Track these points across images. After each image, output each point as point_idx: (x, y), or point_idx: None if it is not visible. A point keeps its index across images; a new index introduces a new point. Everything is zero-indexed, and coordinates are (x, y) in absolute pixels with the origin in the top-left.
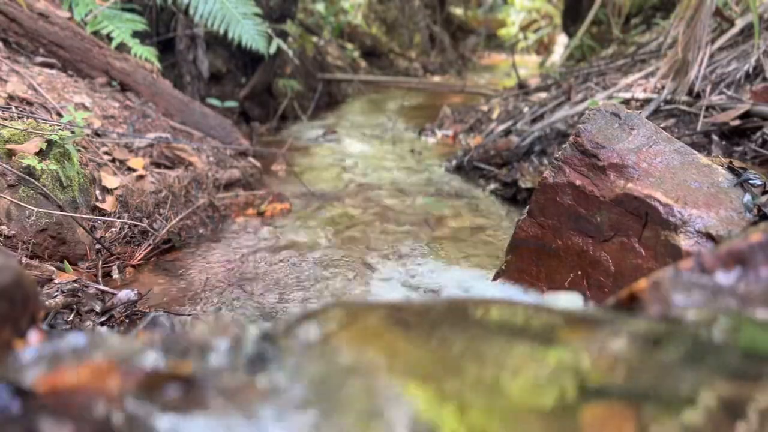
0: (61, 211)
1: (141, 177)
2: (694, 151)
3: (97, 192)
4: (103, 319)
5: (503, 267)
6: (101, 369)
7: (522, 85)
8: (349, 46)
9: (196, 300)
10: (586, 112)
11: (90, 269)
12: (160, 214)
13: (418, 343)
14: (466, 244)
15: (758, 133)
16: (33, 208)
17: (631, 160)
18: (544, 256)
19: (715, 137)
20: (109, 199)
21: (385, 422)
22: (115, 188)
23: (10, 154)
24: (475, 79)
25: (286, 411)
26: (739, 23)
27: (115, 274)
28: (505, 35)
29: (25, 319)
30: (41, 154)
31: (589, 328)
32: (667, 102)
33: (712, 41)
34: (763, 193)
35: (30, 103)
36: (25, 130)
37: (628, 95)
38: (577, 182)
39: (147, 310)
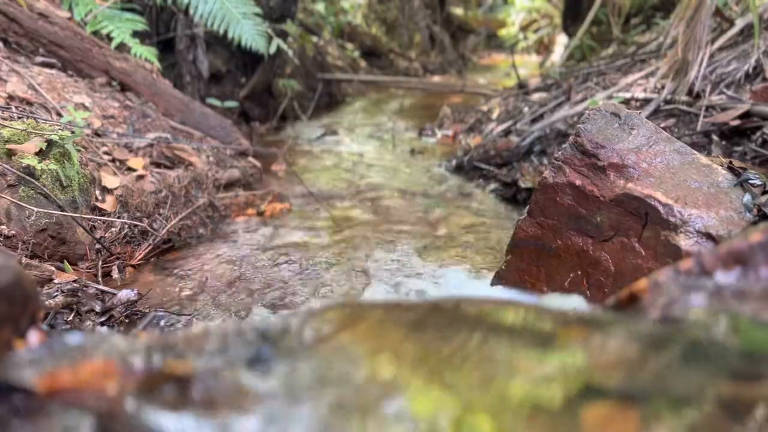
0: (61, 211)
1: (141, 177)
2: (694, 151)
3: (97, 192)
4: (103, 319)
5: (503, 267)
6: (101, 369)
7: (522, 85)
8: (349, 46)
9: (196, 300)
10: (586, 112)
11: (90, 269)
12: (160, 214)
13: (419, 343)
14: (465, 244)
15: (758, 133)
16: (33, 208)
17: (631, 160)
18: (544, 256)
19: (715, 137)
20: (109, 199)
21: (385, 422)
22: (115, 188)
23: (10, 154)
24: (475, 79)
25: (285, 411)
26: (739, 23)
27: (115, 274)
28: (505, 35)
29: (24, 319)
30: (41, 154)
31: (590, 329)
32: (667, 102)
33: (712, 41)
34: (763, 193)
35: (30, 103)
36: (25, 130)
37: (628, 95)
38: (577, 182)
39: (147, 310)
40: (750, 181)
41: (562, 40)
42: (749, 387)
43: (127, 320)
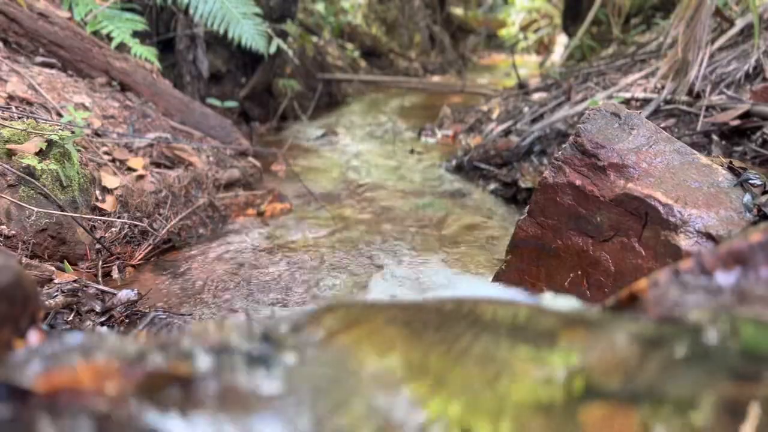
0: (61, 211)
1: (141, 177)
2: (694, 151)
3: (97, 192)
4: (103, 319)
5: (503, 267)
6: (101, 369)
7: (522, 85)
8: (349, 46)
9: (196, 300)
10: (586, 112)
11: (90, 269)
12: (160, 214)
13: (419, 343)
14: (466, 244)
15: (758, 133)
16: (33, 208)
17: (631, 160)
18: (544, 256)
19: (715, 137)
20: (109, 199)
21: (387, 422)
22: (115, 188)
23: (10, 154)
24: (475, 79)
25: (286, 412)
26: (739, 23)
27: (115, 274)
28: (505, 35)
29: (25, 319)
30: (41, 154)
31: (590, 329)
32: (667, 102)
33: (712, 41)
34: (763, 193)
35: (30, 103)
36: (25, 130)
37: (628, 95)
38: (577, 182)
39: (147, 310)
40: (750, 181)
41: (562, 40)
42: (749, 387)
43: (127, 320)
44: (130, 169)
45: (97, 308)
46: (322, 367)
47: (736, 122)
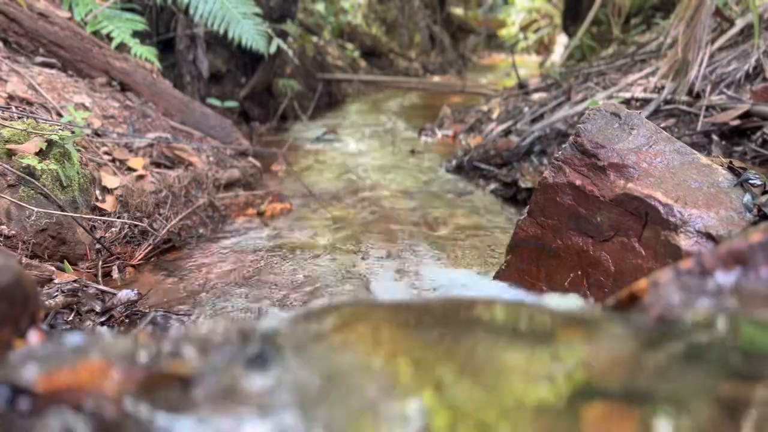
0: (61, 211)
1: (141, 177)
2: (694, 151)
3: (97, 192)
4: (103, 319)
5: (503, 267)
6: (101, 369)
7: (522, 85)
8: (349, 46)
9: (196, 300)
10: (586, 112)
11: (90, 269)
12: (160, 214)
13: (419, 343)
14: (466, 244)
15: (758, 133)
16: (33, 208)
17: (631, 160)
18: (544, 256)
19: (715, 137)
20: (109, 199)
21: (385, 422)
22: (115, 188)
23: (10, 154)
24: (475, 79)
25: (285, 411)
26: (739, 23)
27: (115, 274)
28: (505, 35)
29: (24, 319)
30: (41, 154)
31: (590, 328)
32: (667, 102)
33: (712, 41)
34: (763, 193)
35: (30, 103)
36: (25, 130)
37: (628, 95)
38: (577, 182)
39: (147, 310)
40: (750, 181)
41: (562, 40)
42: (749, 387)
43: (127, 320)
44: (130, 169)
45: (97, 308)
46: (321, 367)
47: (736, 122)
